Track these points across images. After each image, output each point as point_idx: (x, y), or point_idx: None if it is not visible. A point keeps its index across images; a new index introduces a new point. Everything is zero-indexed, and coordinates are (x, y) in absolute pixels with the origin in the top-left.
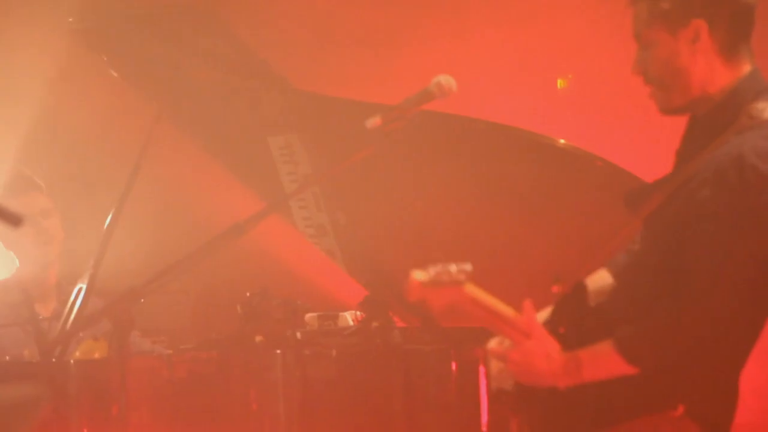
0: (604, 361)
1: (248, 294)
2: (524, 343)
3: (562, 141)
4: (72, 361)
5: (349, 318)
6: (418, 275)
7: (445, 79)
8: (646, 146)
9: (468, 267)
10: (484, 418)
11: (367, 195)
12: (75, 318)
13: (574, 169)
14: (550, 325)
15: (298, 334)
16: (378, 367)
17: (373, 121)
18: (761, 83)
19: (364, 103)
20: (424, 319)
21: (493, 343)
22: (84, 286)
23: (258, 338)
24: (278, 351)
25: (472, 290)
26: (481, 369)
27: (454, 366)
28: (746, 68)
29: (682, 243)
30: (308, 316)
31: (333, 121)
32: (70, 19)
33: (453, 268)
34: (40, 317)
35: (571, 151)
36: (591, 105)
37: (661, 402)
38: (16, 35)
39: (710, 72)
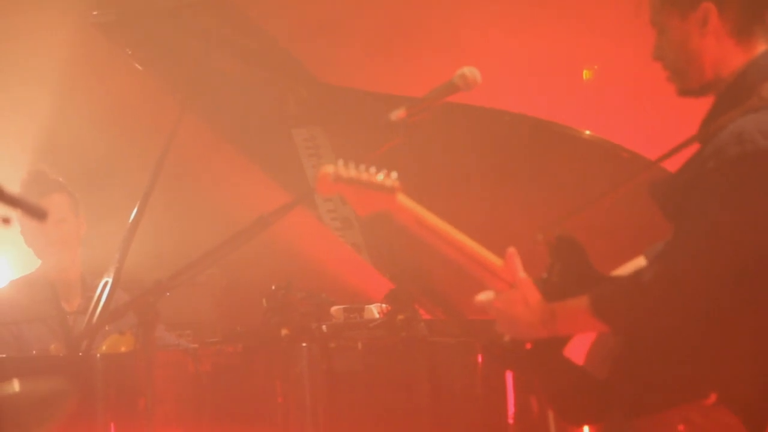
0: (576, 315)
1: (273, 287)
2: (507, 291)
3: (587, 132)
4: (98, 355)
5: (374, 311)
6: (328, 168)
7: (470, 71)
8: (673, 136)
9: (394, 175)
10: (511, 410)
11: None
12: (101, 312)
13: (599, 161)
14: (547, 278)
15: (324, 327)
16: (404, 359)
17: (398, 113)
18: None
19: (388, 95)
20: (450, 312)
21: (481, 295)
22: (110, 281)
23: (283, 331)
24: (304, 344)
25: (408, 202)
26: None
27: (479, 358)
28: (761, 48)
29: (681, 216)
30: (334, 308)
31: (357, 113)
32: (95, 13)
33: (378, 173)
34: (66, 312)
35: (597, 143)
36: (617, 96)
37: (692, 391)
38: (38, 29)
39: (723, 54)
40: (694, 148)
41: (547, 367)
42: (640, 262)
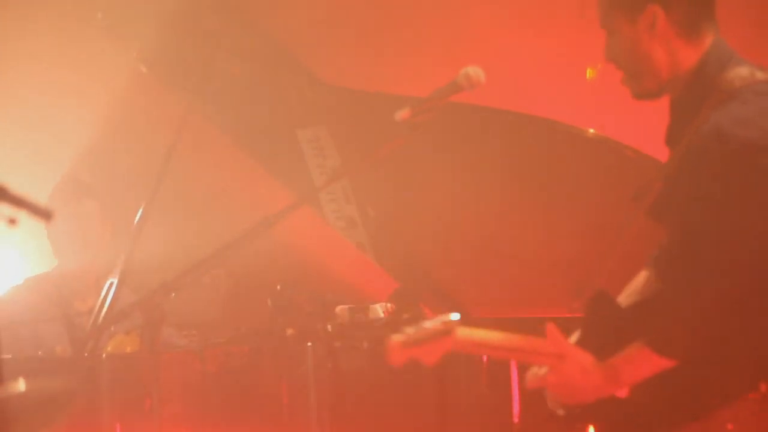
0: (640, 363)
1: (279, 287)
2: (558, 365)
3: (591, 131)
4: (104, 356)
5: (379, 310)
6: (396, 337)
7: (474, 71)
8: None
9: (455, 316)
10: (516, 409)
11: (397, 187)
12: (107, 313)
13: (604, 159)
14: (584, 338)
15: (329, 327)
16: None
17: (402, 114)
18: (726, 52)
19: (392, 95)
20: (455, 310)
21: (529, 375)
22: (115, 281)
23: (289, 331)
24: (309, 344)
25: (466, 333)
26: (513, 362)
27: (485, 358)
28: (708, 40)
29: (685, 229)
30: (339, 308)
31: (361, 113)
32: (100, 15)
33: (437, 322)
34: (78, 312)
35: (601, 141)
36: (620, 94)
37: (738, 387)
38: (44, 45)
39: (675, 54)
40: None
41: (606, 412)
42: (644, 276)
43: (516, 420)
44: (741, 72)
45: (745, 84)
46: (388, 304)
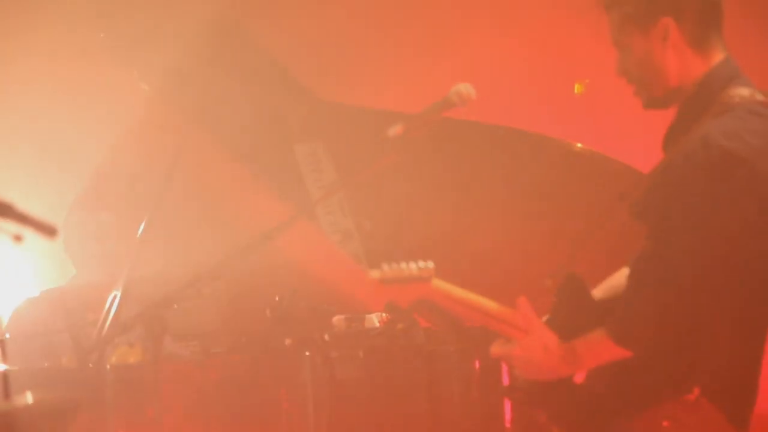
0: (598, 348)
1: (277, 298)
2: (523, 339)
3: (579, 145)
4: (108, 367)
5: (375, 320)
6: (374, 273)
7: (465, 87)
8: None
9: (430, 264)
10: (508, 414)
11: (391, 200)
12: (110, 324)
13: (591, 173)
14: (553, 318)
15: (326, 336)
16: (403, 366)
17: (396, 130)
18: (733, 70)
19: (386, 111)
20: (447, 320)
21: (495, 345)
22: (119, 294)
23: (287, 341)
24: (307, 353)
25: (440, 285)
26: (504, 367)
27: (477, 365)
28: (719, 57)
29: (659, 226)
30: (336, 318)
31: (356, 129)
32: (102, 35)
33: (414, 266)
34: (92, 323)
35: (588, 155)
36: (608, 109)
37: (675, 387)
38: (45, 49)
39: (684, 64)
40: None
41: (559, 395)
42: (624, 273)
43: (508, 426)
44: (742, 91)
45: (743, 102)
46: (383, 314)
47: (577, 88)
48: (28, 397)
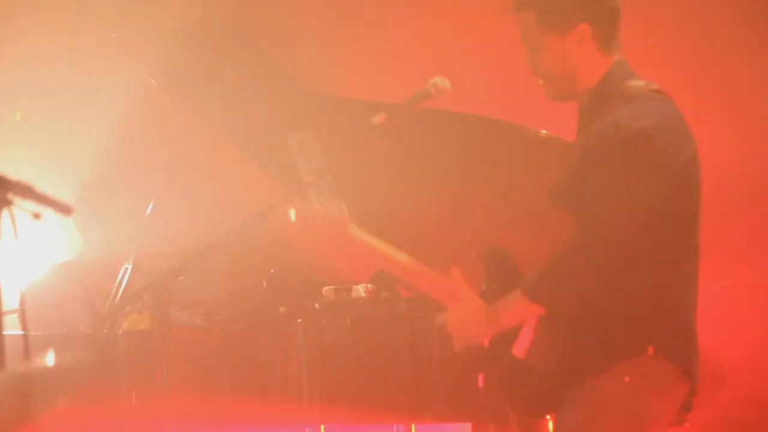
0: (515, 307)
1: (272, 271)
2: (455, 305)
3: (543, 132)
4: (121, 333)
5: (361, 290)
6: (292, 214)
7: (441, 80)
8: None
9: (344, 208)
10: (482, 375)
11: (373, 182)
12: (122, 295)
13: (556, 159)
14: (486, 285)
15: (317, 305)
16: (387, 332)
17: (379, 118)
18: (628, 69)
19: (370, 102)
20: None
21: (438, 316)
22: (129, 267)
23: (281, 309)
24: (299, 320)
25: (358, 232)
26: None
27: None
28: (616, 57)
29: (581, 200)
30: (326, 288)
31: (343, 118)
32: (114, 34)
33: (332, 209)
34: (100, 294)
35: (554, 141)
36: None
37: (630, 348)
38: (61, 47)
39: (591, 65)
40: None
41: (502, 367)
42: None
43: (481, 384)
44: (638, 82)
45: (641, 91)
46: (369, 285)
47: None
48: (48, 360)
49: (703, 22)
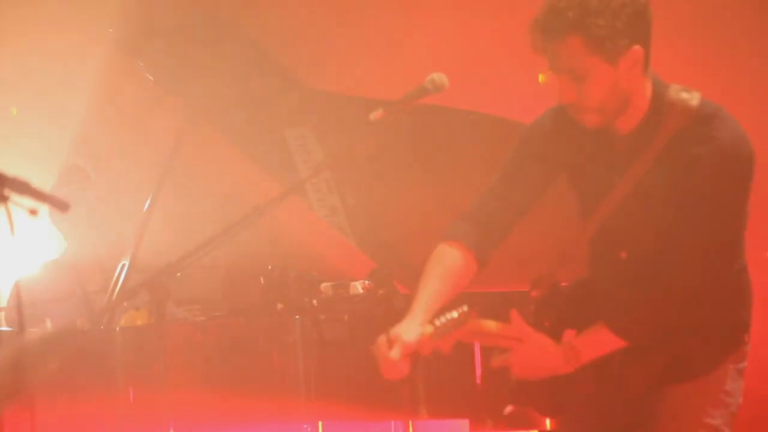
0: (599, 343)
1: (270, 267)
2: (519, 347)
3: None
4: (118, 329)
5: (358, 287)
6: (427, 329)
7: (438, 77)
8: None
9: (465, 308)
10: (478, 371)
11: (372, 178)
12: (119, 291)
13: None
14: (536, 324)
15: (315, 302)
16: (384, 328)
17: (376, 114)
18: (658, 78)
19: (367, 98)
20: None
21: (493, 357)
22: (126, 263)
23: (279, 306)
24: (297, 317)
25: (474, 325)
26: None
27: None
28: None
29: (669, 230)
30: (323, 285)
31: (340, 114)
32: (110, 30)
33: (454, 314)
34: (89, 292)
35: None
36: None
37: (736, 340)
38: (57, 42)
39: (642, 87)
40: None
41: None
42: None
43: (479, 381)
44: (686, 93)
45: (701, 104)
46: (366, 282)
47: (541, 77)
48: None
49: (703, 22)
